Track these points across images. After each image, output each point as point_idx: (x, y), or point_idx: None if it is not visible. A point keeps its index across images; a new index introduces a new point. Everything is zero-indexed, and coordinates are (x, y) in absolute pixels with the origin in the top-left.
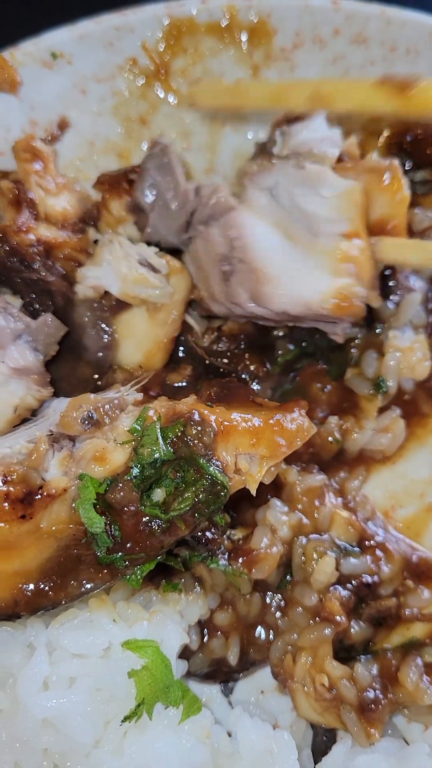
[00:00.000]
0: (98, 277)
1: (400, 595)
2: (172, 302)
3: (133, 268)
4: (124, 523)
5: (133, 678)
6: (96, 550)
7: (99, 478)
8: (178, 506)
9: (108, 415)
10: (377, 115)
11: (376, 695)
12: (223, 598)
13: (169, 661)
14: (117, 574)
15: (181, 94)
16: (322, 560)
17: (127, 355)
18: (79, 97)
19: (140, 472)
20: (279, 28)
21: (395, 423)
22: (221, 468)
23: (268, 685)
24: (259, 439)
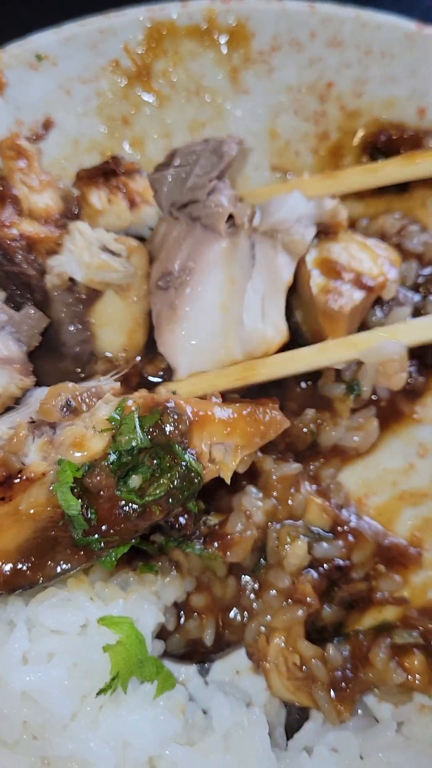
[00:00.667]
0: (62, 265)
1: (372, 579)
2: (137, 280)
3: (94, 255)
4: (100, 506)
5: (108, 652)
6: (72, 532)
7: (77, 464)
8: (153, 491)
9: (86, 402)
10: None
11: (347, 675)
12: (199, 581)
13: (143, 637)
14: (92, 556)
15: (162, 95)
16: (295, 544)
17: (109, 341)
18: (64, 97)
19: (117, 458)
20: (257, 32)
21: (369, 422)
22: (196, 456)
23: (243, 666)
24: (233, 429)
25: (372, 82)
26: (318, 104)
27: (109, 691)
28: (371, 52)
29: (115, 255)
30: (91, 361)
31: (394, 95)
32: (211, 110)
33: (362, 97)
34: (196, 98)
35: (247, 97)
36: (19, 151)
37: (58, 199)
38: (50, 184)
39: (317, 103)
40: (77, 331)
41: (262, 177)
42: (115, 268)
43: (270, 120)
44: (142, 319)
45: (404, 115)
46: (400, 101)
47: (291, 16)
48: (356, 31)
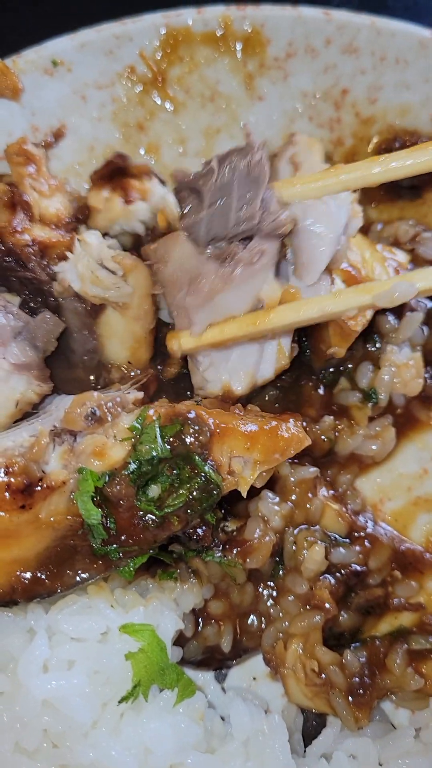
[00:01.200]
0: (64, 273)
1: (388, 584)
2: (135, 299)
3: (88, 269)
4: (119, 516)
5: (130, 660)
6: (91, 541)
7: (98, 473)
8: (172, 502)
9: (111, 412)
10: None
11: (365, 681)
12: (217, 588)
13: (164, 645)
14: (111, 565)
15: (177, 102)
16: (312, 549)
17: (114, 354)
18: (79, 103)
19: (137, 468)
20: (272, 38)
21: (386, 430)
22: (215, 468)
23: (260, 672)
24: (253, 444)
25: (386, 88)
26: (333, 111)
27: (130, 699)
28: (386, 59)
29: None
30: (102, 368)
31: (409, 101)
32: (226, 116)
33: (377, 104)
34: (211, 104)
35: (262, 103)
36: (27, 156)
37: (67, 202)
38: (59, 188)
39: (332, 109)
40: (85, 340)
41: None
42: (107, 285)
43: (285, 126)
44: (144, 337)
45: (418, 121)
46: (414, 107)
47: (306, 23)
48: (371, 38)
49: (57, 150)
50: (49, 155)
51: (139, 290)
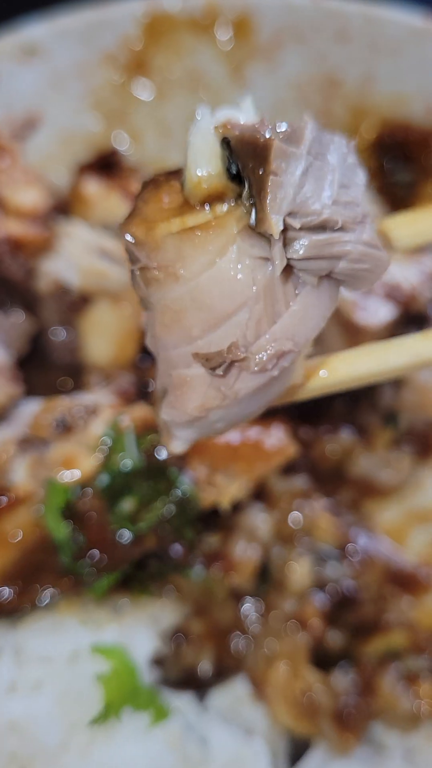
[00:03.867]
0: (57, 271)
1: (380, 601)
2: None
3: (92, 260)
4: (90, 531)
5: (101, 681)
6: (61, 556)
7: (67, 484)
8: (147, 517)
9: (82, 418)
10: None
11: (353, 701)
12: (198, 605)
13: (134, 667)
14: (81, 583)
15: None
16: (299, 564)
17: (98, 352)
18: (57, 93)
19: (110, 480)
20: (260, 26)
21: (401, 461)
22: (194, 480)
23: (243, 692)
24: (235, 455)
25: (379, 78)
26: (323, 101)
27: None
28: (378, 48)
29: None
30: (81, 371)
31: (402, 92)
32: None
33: (369, 94)
34: (196, 94)
35: (250, 93)
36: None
37: (45, 195)
38: (36, 180)
39: (322, 100)
40: (66, 338)
41: None
42: (113, 276)
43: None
44: (134, 331)
45: (412, 112)
46: (408, 98)
47: (295, 10)
48: (363, 26)
49: (33, 141)
50: (24, 147)
51: None
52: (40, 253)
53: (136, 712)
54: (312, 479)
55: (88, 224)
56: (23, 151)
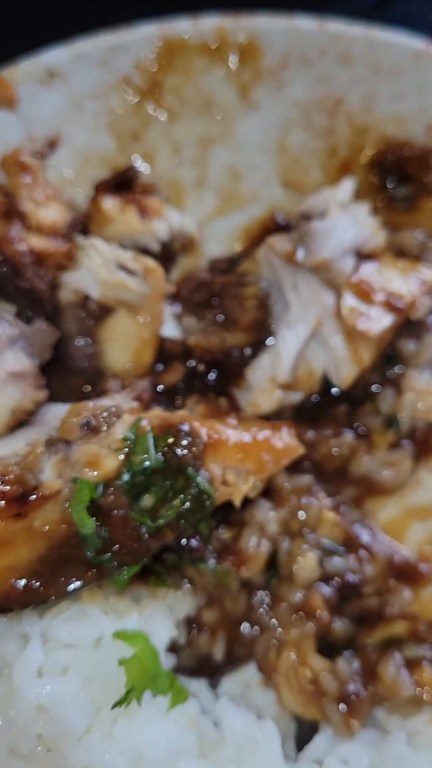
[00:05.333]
0: (78, 282)
1: (383, 594)
2: (149, 300)
3: (111, 273)
4: (113, 526)
5: (124, 666)
6: (85, 550)
7: (91, 482)
8: (165, 513)
9: (105, 421)
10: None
11: (357, 688)
12: (211, 596)
13: (157, 652)
14: (104, 575)
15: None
16: (305, 558)
17: (116, 359)
18: (75, 113)
19: (131, 478)
20: (267, 49)
21: (403, 461)
22: (208, 479)
23: (253, 679)
24: (247, 455)
25: (380, 98)
26: (327, 120)
27: (124, 704)
28: (380, 70)
29: (132, 274)
30: (99, 377)
31: (402, 112)
32: (221, 126)
33: (371, 114)
34: (206, 114)
35: (257, 113)
36: (23, 166)
37: (63, 212)
38: (55, 197)
39: (326, 119)
40: (85, 346)
41: (271, 193)
42: (132, 287)
43: (279, 136)
44: (151, 339)
45: (412, 131)
46: (408, 118)
47: (301, 34)
48: (365, 49)
49: (52, 160)
50: (45, 165)
51: (155, 291)
52: (62, 266)
53: (156, 696)
54: (317, 478)
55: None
56: (44, 170)
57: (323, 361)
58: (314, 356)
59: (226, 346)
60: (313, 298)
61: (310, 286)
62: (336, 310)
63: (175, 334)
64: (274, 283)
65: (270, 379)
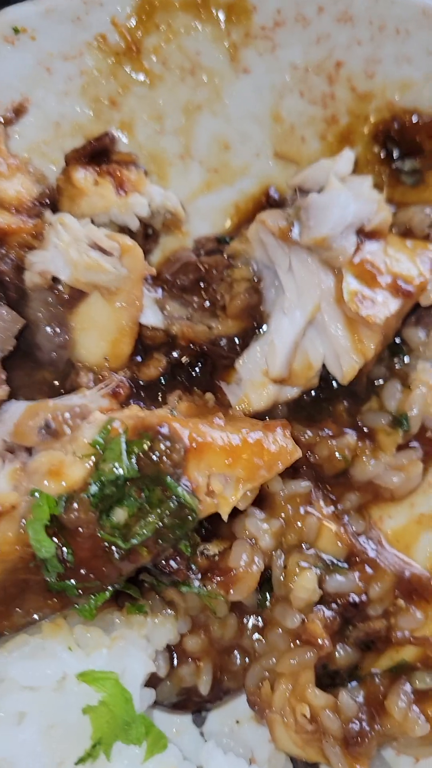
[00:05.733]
0: (45, 263)
1: (391, 616)
2: (127, 283)
3: (83, 253)
4: (78, 546)
5: (89, 715)
6: (45, 575)
7: (53, 495)
8: (140, 530)
9: (68, 424)
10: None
11: (363, 727)
12: (195, 621)
13: (130, 695)
14: (68, 603)
15: (153, 74)
16: (303, 576)
17: (90, 349)
18: (44, 75)
19: (99, 489)
20: (259, 5)
21: (413, 465)
22: (191, 489)
23: (244, 714)
24: (236, 460)
25: (385, 61)
26: (326, 85)
27: (89, 760)
28: (385, 29)
29: (106, 254)
30: (70, 370)
31: (409, 76)
32: (208, 91)
33: (374, 78)
34: (191, 78)
35: (248, 77)
36: None
37: (30, 184)
38: (20, 168)
39: (325, 84)
40: (55, 335)
41: (264, 165)
42: (106, 269)
43: (273, 102)
44: (129, 327)
45: (420, 98)
46: (416, 83)
47: None
48: (368, 5)
49: (19, 127)
50: (9, 132)
51: (133, 273)
52: (28, 245)
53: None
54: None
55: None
56: (8, 138)
57: (322, 351)
58: (312, 346)
59: (213, 336)
60: (310, 280)
61: (308, 267)
62: (337, 294)
63: (157, 322)
64: (267, 265)
65: (262, 372)
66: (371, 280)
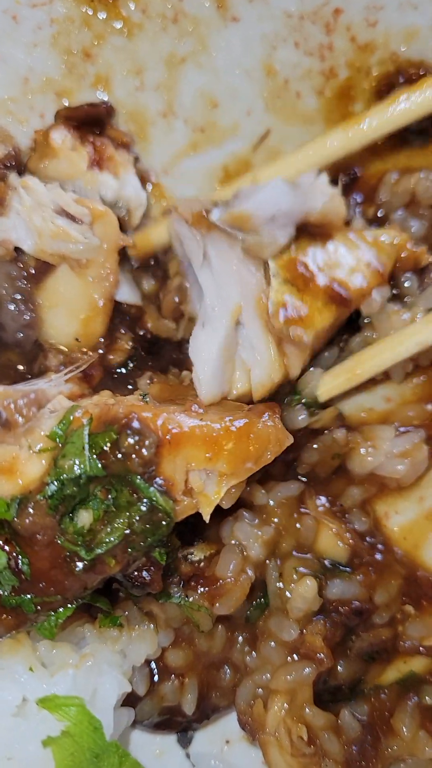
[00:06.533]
0: (6, 231)
1: (398, 623)
2: (100, 254)
3: (48, 220)
4: (35, 555)
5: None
6: None
7: (5, 497)
8: (107, 537)
9: (21, 413)
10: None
11: (366, 748)
12: (178, 633)
13: (99, 723)
14: (25, 621)
15: (132, 23)
16: (302, 583)
17: (59, 329)
18: (10, 24)
19: (59, 489)
20: None
21: (416, 449)
22: (165, 489)
23: (235, 734)
24: (217, 452)
25: (388, 8)
26: (323, 35)
27: None
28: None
29: (75, 221)
30: (38, 352)
31: (415, 25)
32: (193, 41)
33: (376, 27)
34: (174, 27)
35: (237, 25)
36: None
37: None
38: None
39: (322, 33)
40: (20, 313)
41: (255, 123)
42: (75, 238)
43: (265, 54)
44: (103, 305)
45: (426, 49)
46: (422, 32)
47: None
48: None
49: None
50: None
51: (106, 243)
52: None
53: None
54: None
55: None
56: None
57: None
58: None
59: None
60: (230, 274)
61: (226, 258)
62: (259, 294)
63: (134, 299)
64: (187, 262)
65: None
66: (303, 285)
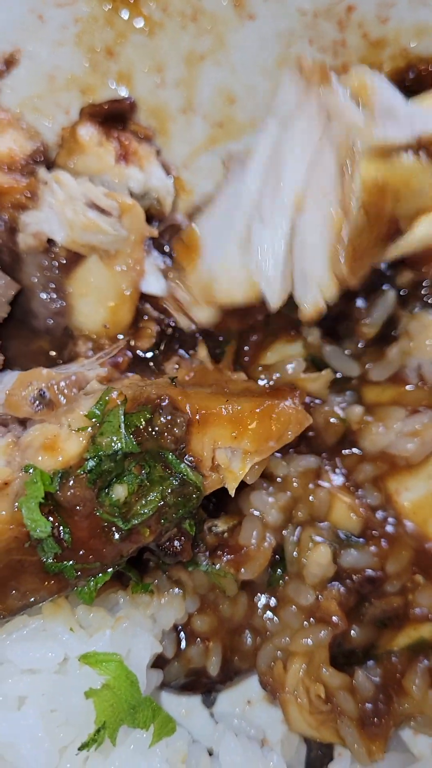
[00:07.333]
0: (40, 224)
1: (408, 592)
2: (128, 246)
3: (79, 213)
4: (75, 525)
5: (92, 698)
6: (42, 556)
7: (48, 471)
8: (141, 510)
9: (63, 394)
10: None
11: (379, 706)
12: (204, 600)
13: (135, 677)
14: (66, 586)
15: (153, 22)
16: (316, 551)
17: (88, 316)
18: (36, 24)
19: (97, 465)
20: None
21: (426, 428)
22: (194, 465)
23: (256, 694)
24: (242, 431)
25: (399, 5)
26: (337, 32)
27: (93, 745)
28: None
29: (105, 213)
30: (68, 338)
31: (426, 21)
32: (212, 39)
33: (388, 24)
34: (193, 25)
35: (254, 23)
36: None
37: (23, 141)
38: (12, 124)
39: (336, 30)
40: (51, 301)
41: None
42: (105, 230)
43: (281, 51)
44: (130, 292)
45: None
46: None
47: None
48: None
49: (10, 80)
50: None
51: (134, 235)
52: (21, 205)
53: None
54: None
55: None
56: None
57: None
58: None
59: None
60: (303, 154)
61: (310, 132)
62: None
63: (159, 290)
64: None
65: (238, 247)
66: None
